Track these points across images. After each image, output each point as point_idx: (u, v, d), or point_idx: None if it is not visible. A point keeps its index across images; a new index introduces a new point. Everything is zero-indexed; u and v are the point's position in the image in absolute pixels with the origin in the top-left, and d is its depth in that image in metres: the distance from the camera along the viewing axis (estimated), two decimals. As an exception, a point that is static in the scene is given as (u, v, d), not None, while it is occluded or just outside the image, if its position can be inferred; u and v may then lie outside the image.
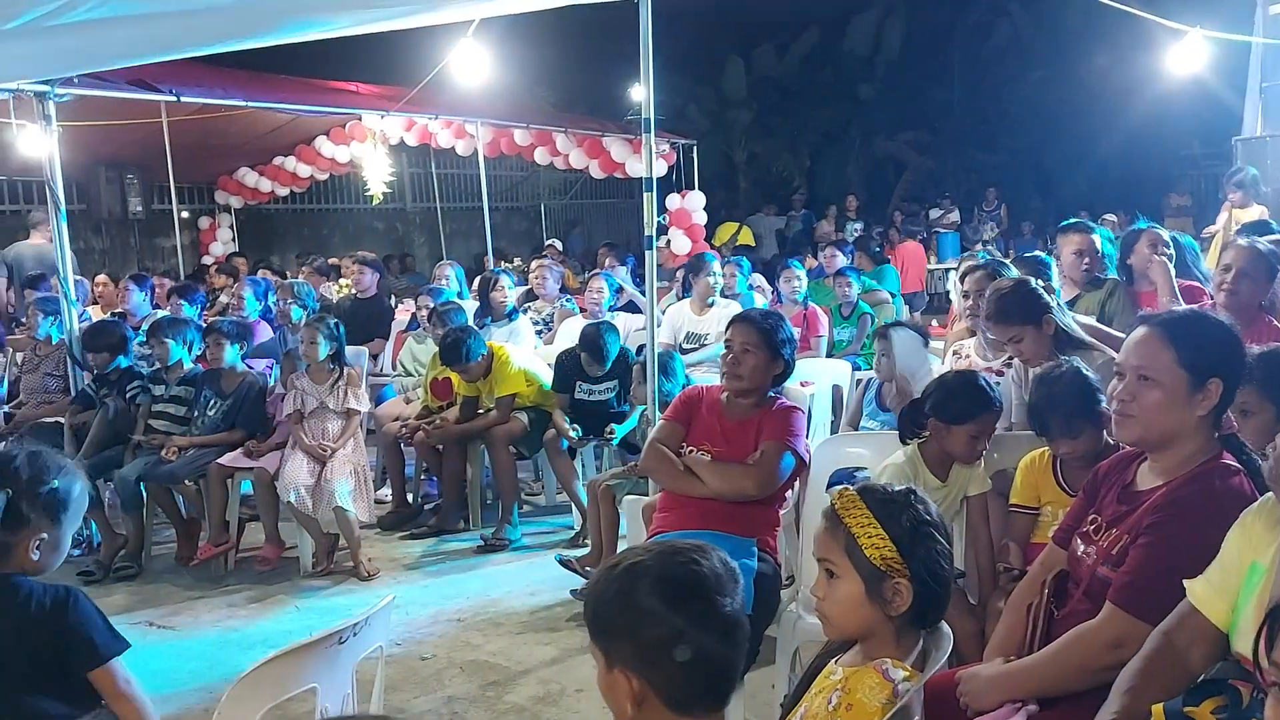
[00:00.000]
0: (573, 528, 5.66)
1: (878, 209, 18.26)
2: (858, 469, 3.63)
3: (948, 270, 12.52)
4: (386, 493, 6.14)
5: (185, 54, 5.49)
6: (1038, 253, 5.76)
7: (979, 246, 13.61)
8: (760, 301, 7.53)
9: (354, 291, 8.23)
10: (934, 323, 8.93)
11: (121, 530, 5.37)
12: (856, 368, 6.16)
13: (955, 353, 4.22)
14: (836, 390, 5.88)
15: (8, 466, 2.28)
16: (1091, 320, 4.08)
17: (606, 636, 1.55)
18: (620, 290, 7.78)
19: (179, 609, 4.81)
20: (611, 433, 5.44)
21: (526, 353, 6.18)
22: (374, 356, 7.54)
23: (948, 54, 20.08)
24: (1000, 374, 3.82)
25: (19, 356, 6.69)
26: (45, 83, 5.76)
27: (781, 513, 3.62)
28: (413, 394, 6.52)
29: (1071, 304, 4.36)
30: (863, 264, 9.32)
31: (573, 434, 5.55)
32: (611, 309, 7.26)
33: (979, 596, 3.07)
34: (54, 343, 6.23)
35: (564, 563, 4.72)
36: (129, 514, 5.31)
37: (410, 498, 6.16)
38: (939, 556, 1.88)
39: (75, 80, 6.21)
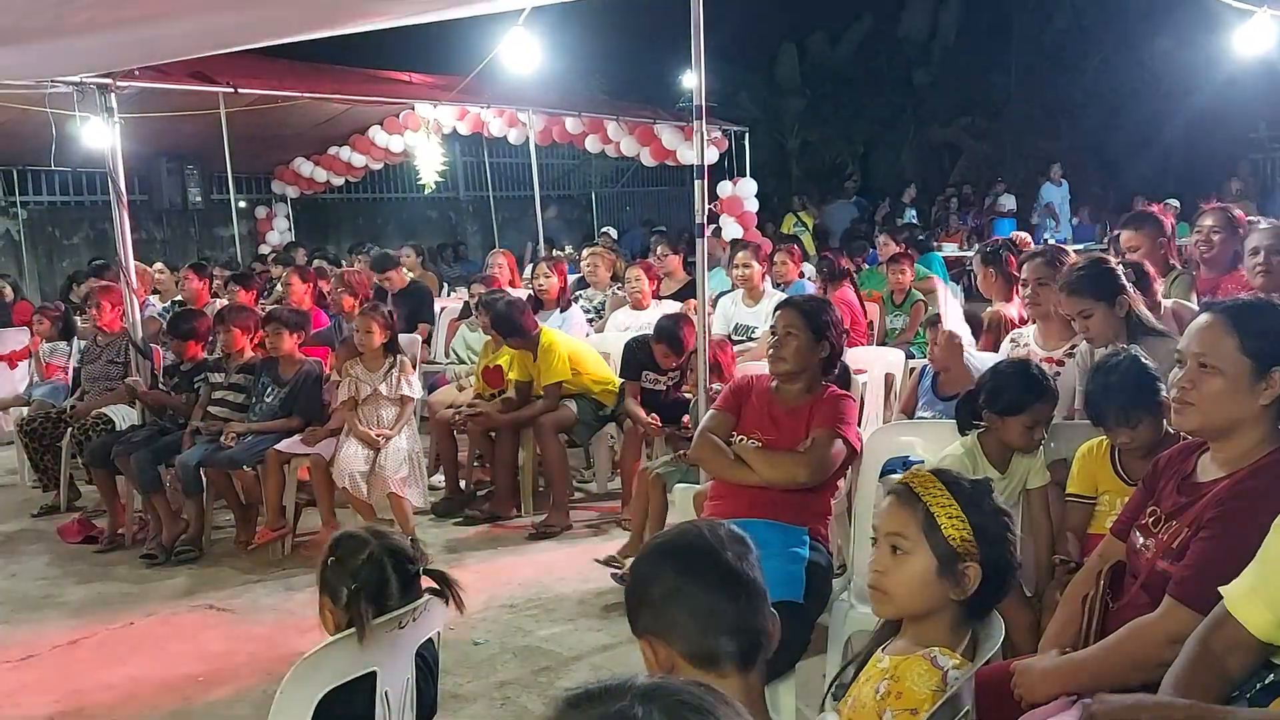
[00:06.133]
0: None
1: (932, 196, 18.02)
2: (910, 458, 3.60)
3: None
4: (439, 479, 6.20)
5: (242, 47, 5.59)
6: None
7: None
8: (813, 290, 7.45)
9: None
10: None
11: (183, 515, 5.49)
12: (910, 356, 6.08)
13: (1014, 341, 4.16)
14: (889, 379, 5.82)
15: None
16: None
17: (632, 610, 1.62)
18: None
19: (238, 592, 4.90)
20: (687, 424, 5.42)
21: (576, 341, 6.19)
22: (425, 342, 7.62)
23: (1006, 38, 19.69)
24: (1060, 364, 3.76)
25: (80, 344, 6.81)
26: (107, 76, 5.89)
27: (833, 501, 3.60)
28: (465, 381, 6.57)
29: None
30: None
31: (653, 422, 5.48)
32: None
33: (1035, 588, 3.04)
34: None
35: (604, 562, 4.66)
36: (190, 499, 5.43)
37: (463, 484, 6.21)
38: (1009, 545, 1.90)
39: (136, 73, 6.34)
